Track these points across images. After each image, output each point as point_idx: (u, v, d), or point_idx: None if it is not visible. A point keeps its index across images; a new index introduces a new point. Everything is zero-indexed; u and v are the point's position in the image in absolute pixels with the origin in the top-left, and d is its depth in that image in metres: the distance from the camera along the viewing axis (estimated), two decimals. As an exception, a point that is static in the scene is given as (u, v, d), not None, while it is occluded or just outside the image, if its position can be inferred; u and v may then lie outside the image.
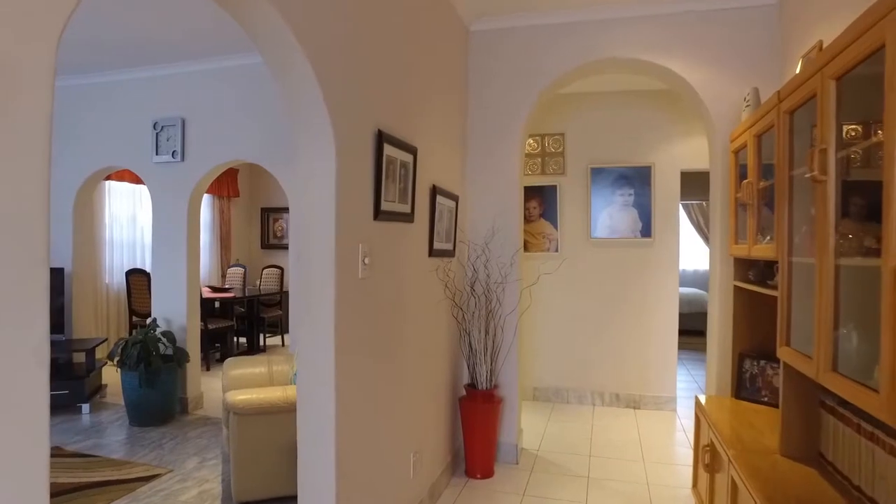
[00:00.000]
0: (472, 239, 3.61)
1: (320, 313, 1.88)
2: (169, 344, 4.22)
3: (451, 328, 3.37)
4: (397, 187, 2.42)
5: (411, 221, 2.62)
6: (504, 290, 3.53)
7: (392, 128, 2.36)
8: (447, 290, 3.25)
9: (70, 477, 3.21)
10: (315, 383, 1.90)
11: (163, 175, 4.52)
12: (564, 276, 4.93)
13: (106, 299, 6.31)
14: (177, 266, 4.48)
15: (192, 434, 3.91)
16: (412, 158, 2.57)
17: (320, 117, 1.81)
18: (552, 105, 4.96)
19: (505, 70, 3.54)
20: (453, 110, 3.31)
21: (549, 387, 4.96)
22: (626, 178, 4.82)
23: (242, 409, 2.74)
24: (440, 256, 3.10)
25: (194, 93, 4.43)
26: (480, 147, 3.60)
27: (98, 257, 6.19)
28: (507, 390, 3.56)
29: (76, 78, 4.75)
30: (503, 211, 3.55)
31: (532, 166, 5.05)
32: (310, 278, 1.90)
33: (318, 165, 1.88)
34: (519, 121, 3.52)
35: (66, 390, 4.30)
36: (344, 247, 1.95)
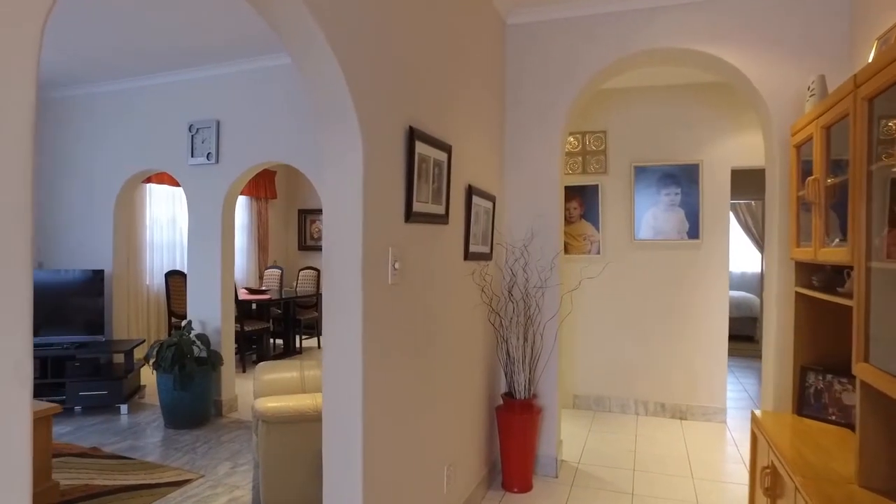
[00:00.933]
0: (509, 241, 3.46)
1: (347, 322, 1.77)
2: (203, 347, 4.21)
3: (488, 335, 3.23)
4: (430, 187, 2.29)
5: (446, 223, 2.49)
6: (543, 295, 3.36)
7: (425, 124, 2.23)
8: (484, 294, 3.11)
9: (105, 479, 3.20)
10: (341, 396, 1.79)
11: (198, 177, 4.52)
12: (606, 279, 4.72)
13: (147, 301, 6.40)
14: (211, 268, 4.48)
15: (225, 438, 3.88)
16: (446, 157, 2.44)
17: (346, 112, 1.70)
18: (593, 101, 4.76)
19: (543, 64, 3.38)
20: (490, 107, 3.17)
21: (589, 394, 4.76)
22: (672, 177, 4.58)
23: (271, 417, 2.66)
24: (476, 260, 2.96)
25: (229, 94, 4.41)
26: (518, 145, 3.44)
27: (139, 259, 6.29)
28: (546, 400, 3.39)
29: (115, 83, 4.81)
30: (543, 212, 3.39)
31: (572, 165, 4.85)
32: (336, 285, 1.79)
33: (344, 164, 1.77)
34: (558, 118, 3.35)
35: (106, 391, 4.34)
36: (372, 251, 1.83)
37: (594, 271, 4.74)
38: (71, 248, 5.11)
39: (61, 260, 5.14)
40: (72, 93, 5.07)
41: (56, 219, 5.19)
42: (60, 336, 4.54)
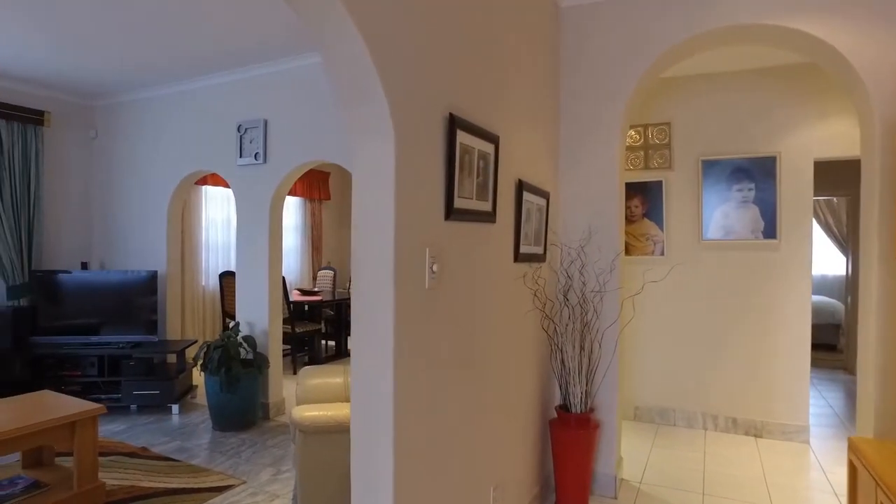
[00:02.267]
0: (564, 242, 3.21)
1: (377, 331, 1.59)
2: (249, 349, 4.16)
3: (541, 343, 2.99)
4: (475, 182, 2.08)
5: (493, 222, 2.28)
6: (602, 300, 3.09)
7: (467, 111, 2.03)
8: (536, 299, 2.87)
9: (150, 481, 3.17)
10: (370, 413, 1.61)
11: (246, 177, 4.49)
12: (671, 283, 4.37)
13: (202, 301, 6.50)
14: (259, 269, 4.43)
15: (270, 443, 3.81)
16: (493, 148, 2.23)
17: (373, 94, 1.51)
18: (656, 91, 4.41)
19: (601, 49, 3.10)
20: (542, 95, 2.93)
21: (652, 406, 4.42)
22: (745, 171, 4.17)
23: (309, 427, 2.53)
24: (528, 261, 2.73)
25: (276, 93, 4.36)
26: (574, 137, 3.18)
27: (195, 260, 6.39)
28: (604, 414, 3.12)
29: (167, 87, 4.86)
30: (601, 210, 3.11)
31: (634, 160, 4.53)
32: (364, 290, 1.61)
33: (373, 156, 1.59)
34: (618, 107, 3.07)
35: (158, 390, 4.38)
36: (406, 253, 1.64)
37: (658, 274, 4.39)
38: (129, 249, 5.22)
39: (121, 261, 5.25)
40: (128, 98, 5.17)
41: (116, 221, 5.32)
42: (117, 335, 4.62)
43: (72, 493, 2.80)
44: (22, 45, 3.97)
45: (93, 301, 4.65)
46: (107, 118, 5.38)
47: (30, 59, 4.26)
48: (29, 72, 4.58)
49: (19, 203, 4.78)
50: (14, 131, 4.77)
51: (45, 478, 2.97)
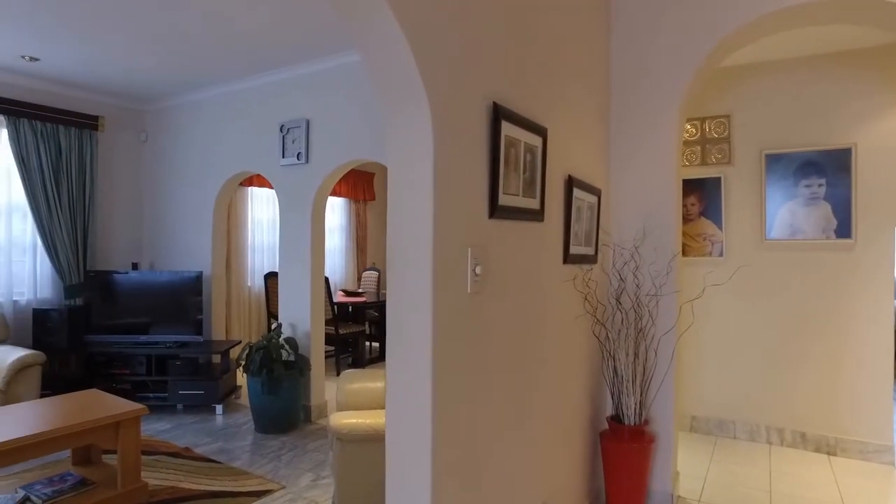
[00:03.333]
0: (617, 242, 3.01)
1: (414, 341, 1.46)
2: (291, 351, 4.13)
3: (592, 349, 2.81)
4: (521, 177, 1.94)
5: (540, 220, 2.12)
6: (658, 304, 2.88)
7: (513, 101, 1.88)
8: (587, 303, 2.69)
9: (191, 483, 3.16)
10: (406, 430, 1.48)
11: (288, 177, 4.47)
12: (731, 285, 4.08)
13: (248, 302, 6.56)
14: (301, 270, 4.40)
15: (311, 446, 3.75)
16: (541, 141, 2.07)
17: (410, 83, 1.39)
18: (714, 82, 4.14)
19: (655, 38, 2.89)
20: (592, 86, 2.75)
21: (710, 417, 4.14)
22: (815, 165, 3.85)
23: (346, 435, 2.43)
24: (578, 263, 2.56)
25: (318, 93, 4.32)
26: (627, 131, 2.98)
27: (241, 261, 6.46)
28: (660, 426, 2.90)
29: (213, 89, 4.90)
30: (656, 208, 2.91)
31: (689, 156, 4.26)
32: (400, 294, 1.49)
33: (409, 148, 1.46)
34: (674, 99, 2.85)
35: (202, 390, 4.40)
36: (446, 254, 1.51)
37: (720, 277, 4.11)
38: (177, 250, 5.30)
39: (169, 261, 5.34)
40: (176, 101, 5.26)
41: (165, 222, 5.41)
42: (164, 335, 4.68)
43: (116, 493, 2.80)
44: (76, 54, 4.07)
45: (142, 301, 4.73)
46: (156, 121, 5.49)
47: (84, 66, 4.37)
48: (84, 79, 4.71)
49: (75, 205, 4.92)
50: (71, 136, 4.91)
51: (93, 475, 2.99)
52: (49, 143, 4.76)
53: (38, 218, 4.70)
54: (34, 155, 4.66)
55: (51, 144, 4.77)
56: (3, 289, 4.61)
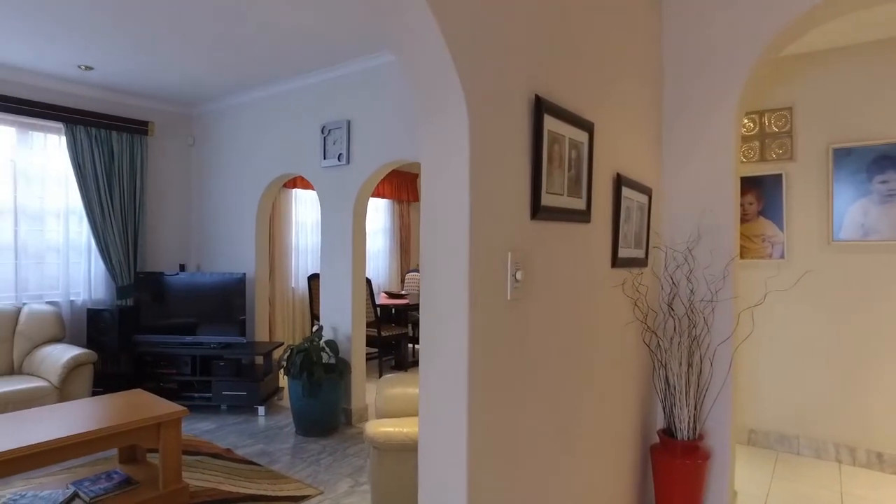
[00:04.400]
0: (669, 244, 2.83)
1: (448, 350, 1.36)
2: (332, 354, 4.10)
3: (642, 358, 2.64)
4: (566, 175, 1.81)
5: (587, 221, 1.99)
6: (714, 310, 2.68)
7: (556, 94, 1.76)
8: (637, 309, 2.53)
9: (231, 485, 3.16)
10: (440, 445, 1.38)
11: (330, 179, 4.45)
12: (795, 289, 3.81)
13: (292, 304, 6.62)
14: (342, 272, 4.38)
15: (350, 451, 3.71)
16: (587, 137, 1.94)
17: (442, 72, 1.29)
18: (774, 72, 3.88)
19: (712, 23, 2.70)
20: (644, 77, 2.58)
21: (770, 430, 3.88)
22: (891, 159, 3.55)
23: (383, 444, 2.36)
24: (628, 266, 2.41)
25: (359, 93, 4.28)
26: (681, 125, 2.80)
27: (285, 263, 6.52)
28: (716, 441, 2.71)
29: (256, 91, 4.94)
30: (712, 208, 2.71)
31: (746, 152, 4.01)
32: (434, 302, 1.40)
33: (443, 143, 1.37)
34: (733, 89, 2.65)
35: (245, 391, 4.44)
36: (484, 258, 1.41)
37: (783, 281, 3.84)
38: (222, 252, 5.39)
39: (215, 263, 5.43)
40: (221, 105, 5.34)
41: (211, 225, 5.51)
42: (209, 336, 4.75)
43: (157, 494, 2.82)
44: (128, 63, 4.17)
45: (188, 302, 4.81)
46: (203, 125, 5.60)
47: (135, 74, 4.48)
48: (135, 86, 4.83)
49: (126, 209, 5.06)
50: (123, 142, 5.05)
51: (137, 474, 3.03)
52: (103, 149, 4.91)
53: (93, 221, 4.85)
54: (89, 160, 4.82)
55: (104, 150, 4.92)
56: (61, 289, 4.78)
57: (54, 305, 4.64)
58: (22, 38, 3.77)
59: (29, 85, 4.57)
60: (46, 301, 4.70)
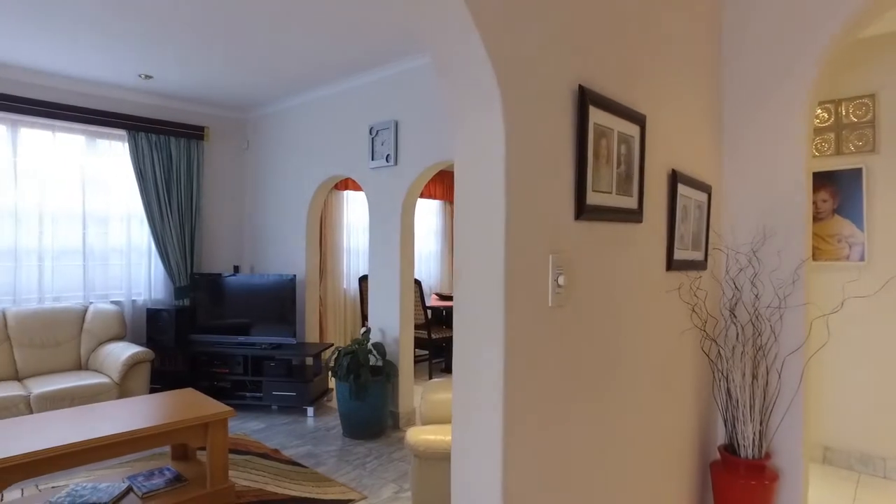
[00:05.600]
0: (731, 245, 2.63)
1: (482, 361, 1.27)
2: (379, 356, 4.07)
3: (700, 368, 2.46)
4: (614, 171, 1.68)
5: (638, 221, 1.85)
6: (782, 318, 2.46)
7: (602, 83, 1.63)
8: (695, 315, 2.36)
9: (277, 486, 3.17)
10: (473, 464, 1.29)
11: (377, 180, 4.44)
12: (877, 295, 3.48)
13: (343, 305, 6.67)
14: (390, 274, 4.35)
15: (396, 455, 3.66)
16: (638, 130, 1.80)
17: (474, 59, 1.20)
18: (852, 56, 3.56)
19: (779, 1, 2.49)
20: (702, 64, 2.40)
21: (850, 449, 3.56)
22: None
23: (424, 452, 2.29)
24: (684, 270, 2.24)
25: (406, 93, 4.24)
26: (745, 117, 2.60)
27: (337, 264, 6.58)
28: (785, 461, 2.48)
29: (307, 94, 4.99)
30: (780, 205, 2.49)
31: (820, 145, 3.71)
32: (468, 311, 1.31)
33: (477, 140, 1.28)
34: (805, 73, 2.43)
35: (294, 392, 4.48)
36: (522, 261, 1.31)
37: (864, 286, 3.52)
38: (275, 254, 5.48)
39: (268, 265, 5.54)
40: (274, 109, 5.44)
41: (263, 227, 5.62)
42: (260, 337, 4.83)
43: (204, 492, 2.85)
44: (185, 71, 4.30)
45: (241, 303, 4.92)
46: (256, 129, 5.72)
47: (191, 81, 4.62)
48: (191, 93, 4.99)
49: (184, 212, 5.23)
50: (181, 147, 5.23)
51: (187, 472, 3.08)
52: (161, 154, 5.09)
53: (152, 224, 5.03)
54: (149, 165, 5.00)
55: (163, 155, 5.10)
56: (124, 289, 4.98)
57: (117, 305, 4.84)
58: (87, 51, 3.94)
59: (95, 95, 4.78)
60: (111, 301, 4.91)
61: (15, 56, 4.09)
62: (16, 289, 4.44)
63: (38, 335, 4.19)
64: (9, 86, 4.37)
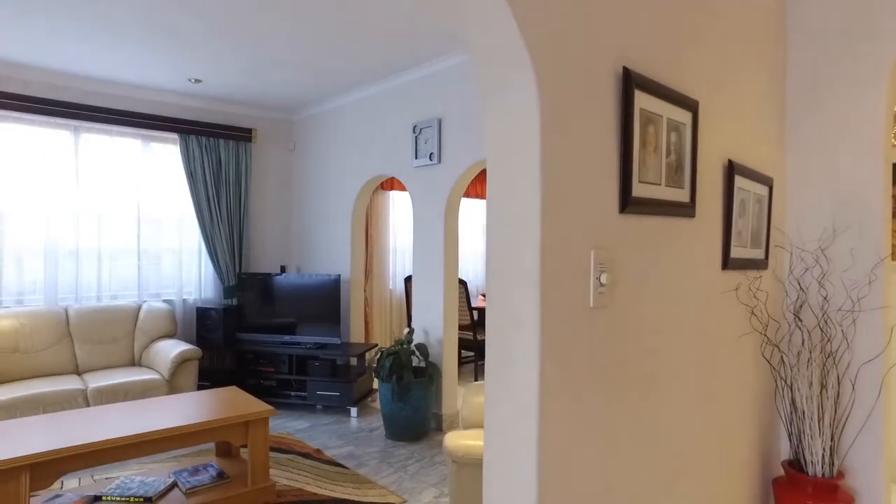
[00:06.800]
0: (795, 243, 2.43)
1: (515, 365, 1.17)
2: (422, 357, 4.01)
3: (761, 375, 2.27)
4: (663, 162, 1.55)
5: (691, 216, 1.71)
6: (856, 322, 2.25)
7: (650, 66, 1.51)
8: (755, 318, 2.17)
9: (317, 487, 3.15)
10: (508, 480, 1.19)
11: (421, 179, 4.39)
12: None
13: (389, 305, 6.67)
14: (434, 275, 4.28)
15: (438, 458, 3.59)
16: (690, 117, 1.66)
17: (506, 38, 1.11)
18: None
19: (855, -21, 2.27)
20: (762, 43, 2.22)
21: (931, 468, 3.24)
22: None
23: (462, 458, 2.21)
24: (743, 269, 2.07)
25: (450, 90, 4.17)
26: (811, 103, 2.39)
27: (383, 264, 6.59)
28: (862, 481, 2.26)
29: (351, 94, 5.00)
30: (853, 199, 2.28)
31: (897, 134, 3.40)
32: (502, 307, 1.21)
33: (510, 128, 1.18)
34: (883, 55, 2.21)
35: (338, 392, 4.48)
36: (559, 258, 1.20)
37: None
38: (320, 254, 5.52)
39: (314, 265, 5.58)
40: (319, 109, 5.48)
41: (310, 227, 5.67)
42: (305, 336, 4.86)
43: (245, 490, 2.86)
44: (233, 74, 4.38)
45: (286, 302, 4.96)
46: (302, 130, 5.78)
47: (240, 84, 4.71)
48: (239, 95, 5.08)
49: (232, 213, 5.34)
50: (229, 149, 5.34)
51: (230, 469, 3.11)
52: (211, 156, 5.21)
53: (202, 224, 5.16)
54: (199, 167, 5.13)
55: (213, 157, 5.22)
56: (175, 289, 5.13)
57: (169, 304, 4.98)
58: (139, 57, 4.06)
59: (149, 100, 4.94)
60: (163, 300, 5.06)
61: (79, 67, 4.28)
62: (77, 287, 4.63)
63: (97, 332, 4.36)
64: (72, 94, 4.57)
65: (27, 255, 4.43)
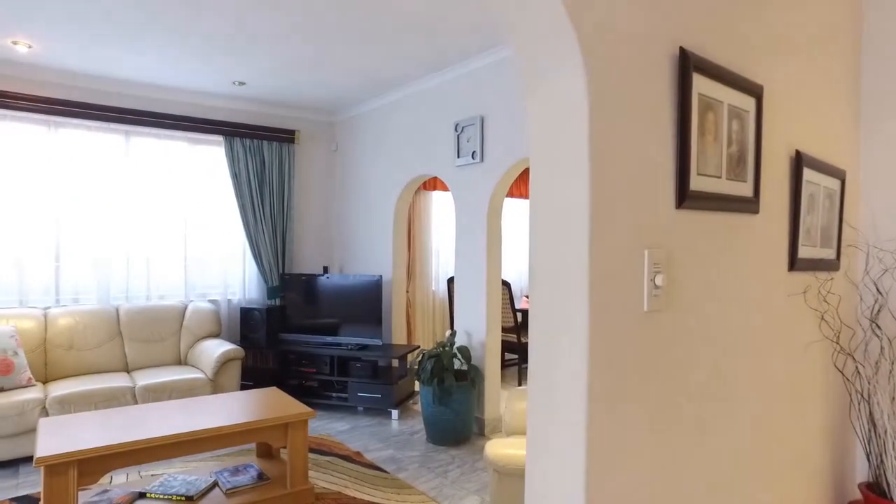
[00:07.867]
0: (872, 241, 2.21)
1: (561, 374, 1.07)
2: (464, 360, 3.92)
3: (833, 388, 2.08)
4: (723, 152, 1.41)
5: (754, 211, 1.56)
6: (942, 329, 2.03)
7: (710, 47, 1.37)
8: (825, 324, 1.99)
9: (356, 490, 3.11)
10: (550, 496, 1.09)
11: (463, 178, 4.30)
12: None
13: (432, 307, 6.61)
14: (476, 276, 4.19)
15: (480, 464, 3.49)
16: (754, 103, 1.51)
17: (553, 22, 1.01)
18: None
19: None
20: (833, 25, 2.03)
21: None
22: None
23: (504, 467, 2.10)
24: (811, 270, 1.89)
25: (492, 87, 4.07)
26: (889, 87, 2.18)
27: (425, 265, 6.54)
28: (947, 504, 2.04)
29: (392, 94, 4.96)
30: (938, 192, 2.06)
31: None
32: (547, 311, 1.11)
33: (556, 116, 1.08)
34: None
35: (379, 394, 4.44)
36: (610, 257, 1.09)
37: None
38: (362, 254, 5.51)
39: (356, 266, 5.58)
40: (361, 110, 5.46)
41: (352, 228, 5.67)
42: (346, 337, 4.84)
43: (284, 492, 2.84)
44: (276, 76, 4.41)
45: (328, 303, 4.96)
46: (344, 131, 5.78)
47: (282, 86, 4.74)
48: (282, 98, 5.13)
49: (276, 214, 5.39)
50: (273, 151, 5.39)
51: (270, 470, 3.10)
52: (255, 158, 5.27)
53: (247, 225, 5.22)
54: (243, 169, 5.20)
55: (256, 159, 5.28)
56: (220, 289, 5.21)
57: (214, 304, 5.06)
58: (184, 61, 4.13)
59: (194, 103, 5.04)
60: (208, 300, 5.14)
61: (130, 73, 4.41)
62: (128, 287, 4.76)
63: (145, 331, 4.46)
64: (124, 100, 4.70)
65: (83, 256, 4.58)
